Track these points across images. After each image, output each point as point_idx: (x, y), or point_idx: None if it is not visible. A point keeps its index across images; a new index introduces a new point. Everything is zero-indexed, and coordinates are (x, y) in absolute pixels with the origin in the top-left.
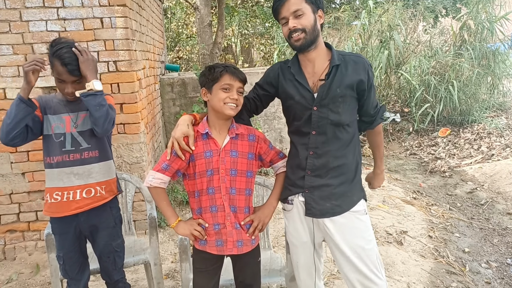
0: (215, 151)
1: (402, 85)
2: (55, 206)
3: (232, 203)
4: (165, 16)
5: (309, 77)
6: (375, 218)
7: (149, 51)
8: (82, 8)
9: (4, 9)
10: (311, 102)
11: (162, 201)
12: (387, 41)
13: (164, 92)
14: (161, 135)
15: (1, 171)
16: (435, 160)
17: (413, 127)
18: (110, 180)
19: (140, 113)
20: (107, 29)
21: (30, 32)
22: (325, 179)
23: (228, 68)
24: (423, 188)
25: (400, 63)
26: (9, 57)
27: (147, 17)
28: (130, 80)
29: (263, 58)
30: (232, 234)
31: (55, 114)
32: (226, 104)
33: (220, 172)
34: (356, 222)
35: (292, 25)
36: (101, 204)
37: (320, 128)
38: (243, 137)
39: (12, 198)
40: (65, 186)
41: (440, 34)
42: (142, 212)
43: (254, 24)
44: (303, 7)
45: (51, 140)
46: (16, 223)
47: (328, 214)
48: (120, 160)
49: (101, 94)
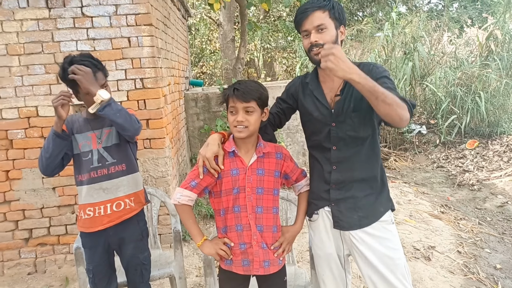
0: (242, 169)
1: (428, 97)
2: (88, 222)
3: (258, 222)
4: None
5: (327, 93)
6: (401, 233)
7: (174, 68)
8: (111, 28)
9: (37, 31)
10: (329, 118)
11: (189, 219)
12: (411, 53)
13: (188, 107)
14: (185, 149)
15: (33, 186)
16: (463, 173)
17: (439, 139)
18: (138, 192)
19: (165, 128)
20: (134, 48)
21: (61, 52)
22: (351, 191)
23: (233, 90)
24: (451, 201)
25: (425, 74)
26: (41, 76)
27: (172, 34)
28: (156, 96)
29: (286, 72)
30: (258, 253)
31: (81, 133)
32: (234, 127)
33: (246, 190)
34: (383, 231)
35: (314, 40)
36: (130, 217)
37: (340, 143)
38: (270, 155)
39: (43, 212)
40: (96, 201)
41: (465, 45)
42: (167, 225)
43: (276, 38)
44: (327, 22)
45: (80, 158)
46: (47, 237)
47: (356, 226)
48: (146, 174)
49: (113, 101)
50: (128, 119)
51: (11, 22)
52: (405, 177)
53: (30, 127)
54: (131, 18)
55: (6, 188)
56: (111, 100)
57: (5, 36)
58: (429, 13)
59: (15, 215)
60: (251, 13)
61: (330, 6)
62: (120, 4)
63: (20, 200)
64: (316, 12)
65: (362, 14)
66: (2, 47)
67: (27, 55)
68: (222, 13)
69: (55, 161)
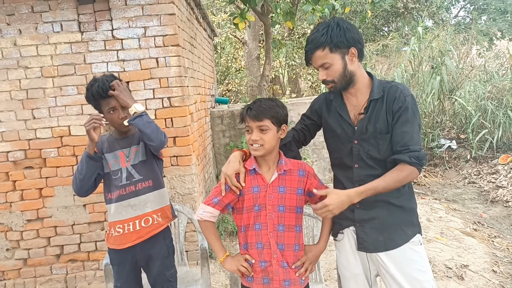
0: (263, 187)
1: (457, 111)
2: (119, 239)
3: (279, 240)
4: (215, 51)
5: (351, 110)
6: (433, 251)
7: (200, 86)
8: (140, 50)
9: (70, 53)
10: (351, 135)
11: (211, 235)
12: (439, 67)
13: (214, 124)
14: (211, 166)
15: (65, 203)
16: (496, 188)
17: (470, 154)
18: (165, 207)
19: (192, 145)
20: (162, 68)
21: (93, 73)
22: (375, 212)
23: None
24: (484, 218)
25: (453, 88)
26: (74, 97)
27: (198, 54)
28: (182, 114)
29: (311, 88)
30: (278, 272)
31: (111, 152)
32: (250, 145)
33: (267, 208)
34: (411, 253)
35: (322, 78)
36: (156, 234)
37: (362, 161)
38: (292, 172)
39: (74, 229)
40: (125, 218)
41: (495, 58)
42: (194, 242)
43: (301, 55)
44: (329, 58)
45: (110, 177)
46: (77, 253)
47: (381, 248)
48: (173, 191)
49: (145, 114)
50: (155, 131)
51: (46, 46)
52: (435, 193)
53: (62, 146)
54: (159, 39)
55: (39, 205)
56: (144, 113)
57: (40, 59)
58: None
59: (47, 232)
60: (276, 31)
61: (328, 41)
62: (149, 26)
63: (52, 217)
64: (316, 53)
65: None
66: (37, 69)
67: (61, 77)
68: (247, 32)
69: (88, 182)
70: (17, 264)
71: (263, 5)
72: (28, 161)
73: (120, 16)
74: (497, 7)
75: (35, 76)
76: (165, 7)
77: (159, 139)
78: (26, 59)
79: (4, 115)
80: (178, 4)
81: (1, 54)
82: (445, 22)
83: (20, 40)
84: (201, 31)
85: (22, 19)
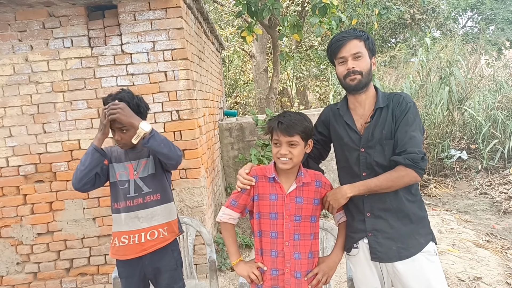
0: (280, 196)
1: (467, 121)
2: (122, 249)
3: (296, 249)
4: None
5: (357, 119)
6: (445, 263)
7: (208, 99)
8: (148, 64)
9: (80, 68)
10: (358, 143)
11: (229, 237)
12: (447, 77)
13: (223, 137)
14: (220, 179)
15: (75, 216)
16: (508, 199)
17: (481, 164)
18: (172, 221)
19: (200, 158)
20: (170, 81)
21: (103, 88)
22: (387, 220)
23: (278, 123)
24: (497, 230)
25: (463, 98)
26: (83, 111)
27: (206, 67)
28: (191, 127)
29: (319, 99)
30: (289, 282)
31: (119, 163)
32: (278, 158)
33: (285, 217)
34: (426, 264)
35: (352, 66)
36: (164, 246)
37: (370, 169)
38: (310, 184)
39: (83, 242)
40: (131, 229)
41: (504, 67)
42: (203, 255)
43: (309, 67)
44: (363, 51)
45: (116, 187)
46: (87, 267)
47: (395, 258)
48: (182, 204)
49: (155, 132)
50: (172, 148)
51: (57, 61)
52: (447, 204)
53: (72, 160)
54: (168, 53)
55: (50, 219)
56: (153, 131)
57: (51, 74)
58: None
59: (57, 245)
60: (284, 43)
61: (365, 37)
62: (158, 40)
63: (62, 230)
64: (353, 41)
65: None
66: (48, 84)
67: (71, 91)
68: (254, 45)
69: (88, 175)
70: (27, 278)
71: (270, 19)
72: (38, 175)
73: (129, 31)
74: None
75: (46, 91)
76: (173, 22)
77: (177, 154)
78: (37, 75)
79: (16, 130)
80: (186, 19)
81: (13, 70)
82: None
83: (31, 56)
84: (209, 45)
85: (34, 35)
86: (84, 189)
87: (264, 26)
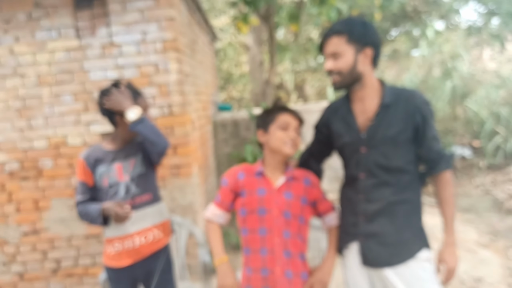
0: (268, 190)
1: (469, 117)
2: (117, 256)
3: (285, 246)
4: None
5: (358, 116)
6: None
7: (202, 93)
8: (138, 55)
9: (67, 61)
10: (358, 142)
11: (212, 236)
12: (450, 71)
13: (217, 133)
14: (213, 177)
15: (62, 215)
16: (511, 198)
17: (484, 162)
18: (165, 221)
19: (193, 155)
20: (161, 74)
21: (91, 81)
22: (380, 225)
23: (285, 108)
24: (499, 229)
25: (465, 93)
26: (70, 105)
27: (199, 60)
28: (183, 122)
29: (317, 94)
30: (281, 282)
31: (105, 165)
32: (285, 143)
33: (274, 212)
34: (418, 271)
35: (328, 68)
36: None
37: (369, 171)
38: (299, 180)
39: (71, 242)
40: (124, 234)
41: (508, 62)
42: (196, 256)
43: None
44: (342, 49)
45: (105, 191)
46: (75, 268)
47: (385, 263)
48: (173, 203)
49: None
50: (159, 134)
51: (43, 53)
52: None
53: (59, 156)
54: (159, 44)
55: (36, 217)
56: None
57: (37, 67)
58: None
59: (44, 245)
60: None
61: (348, 29)
62: (148, 31)
63: (49, 229)
64: (332, 38)
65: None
66: (34, 77)
67: (57, 85)
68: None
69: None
70: (13, 279)
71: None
72: (24, 171)
73: (118, 21)
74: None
75: (32, 84)
76: (164, 12)
77: (164, 142)
78: (23, 67)
79: (1, 125)
80: (178, 9)
81: None
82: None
83: (17, 47)
84: (202, 36)
85: (20, 26)
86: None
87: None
